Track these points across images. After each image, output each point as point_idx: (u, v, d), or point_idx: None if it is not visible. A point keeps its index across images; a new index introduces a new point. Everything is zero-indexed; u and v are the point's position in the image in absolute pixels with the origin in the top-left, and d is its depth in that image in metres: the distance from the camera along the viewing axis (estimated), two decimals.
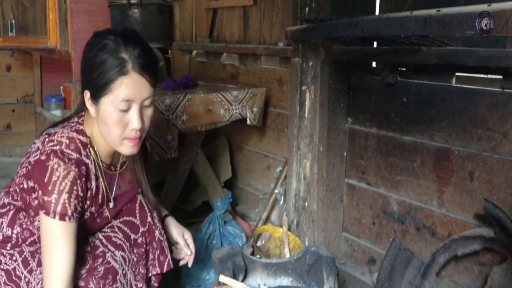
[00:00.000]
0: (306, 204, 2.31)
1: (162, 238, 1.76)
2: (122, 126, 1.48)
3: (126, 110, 1.46)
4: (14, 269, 1.61)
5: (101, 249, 1.65)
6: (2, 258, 1.62)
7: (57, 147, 1.49)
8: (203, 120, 2.53)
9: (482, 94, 1.72)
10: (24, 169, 1.56)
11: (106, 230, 1.72)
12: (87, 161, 1.54)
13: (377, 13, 2.26)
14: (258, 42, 2.93)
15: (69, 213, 1.46)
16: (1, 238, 1.61)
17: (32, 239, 1.64)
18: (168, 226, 1.88)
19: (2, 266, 1.61)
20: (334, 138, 2.25)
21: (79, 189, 1.49)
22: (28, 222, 1.62)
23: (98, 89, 1.45)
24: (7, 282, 1.61)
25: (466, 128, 1.77)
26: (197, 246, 2.43)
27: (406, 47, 1.85)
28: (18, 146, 4.67)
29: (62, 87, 4.45)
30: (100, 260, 1.62)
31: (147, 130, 1.56)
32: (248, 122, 2.68)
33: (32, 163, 1.49)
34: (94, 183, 1.57)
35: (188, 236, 1.86)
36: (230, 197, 2.55)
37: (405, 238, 2.02)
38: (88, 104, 1.51)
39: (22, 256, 1.62)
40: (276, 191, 2.55)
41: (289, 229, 2.29)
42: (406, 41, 1.84)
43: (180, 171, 2.77)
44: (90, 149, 1.56)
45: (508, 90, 1.65)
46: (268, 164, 2.94)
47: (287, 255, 2.14)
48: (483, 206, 1.62)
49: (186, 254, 1.84)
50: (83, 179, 1.50)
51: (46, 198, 1.44)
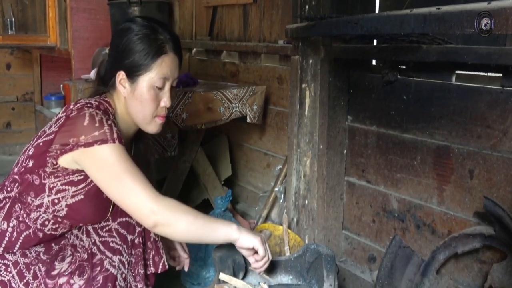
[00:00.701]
0: (306, 202, 2.31)
1: (157, 239, 1.75)
2: (156, 102, 1.60)
3: (161, 88, 1.59)
4: (9, 280, 1.57)
5: (98, 256, 1.63)
6: None
7: (88, 104, 1.56)
8: (203, 118, 2.53)
9: (482, 92, 1.72)
10: (30, 150, 1.57)
11: (104, 234, 1.69)
12: (115, 128, 1.56)
13: (377, 11, 2.26)
14: (258, 40, 2.93)
15: (116, 138, 1.49)
16: None
17: (27, 233, 1.61)
18: None
19: None
20: (334, 136, 2.26)
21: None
22: (24, 215, 1.60)
23: (139, 67, 1.57)
24: None
25: (466, 126, 1.77)
26: (197, 245, 2.44)
27: (406, 45, 1.85)
28: (18, 144, 4.67)
29: (62, 85, 4.45)
30: (98, 268, 1.60)
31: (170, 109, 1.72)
32: (248, 120, 2.68)
33: (59, 126, 1.51)
34: None
35: None
36: (230, 195, 2.56)
37: (405, 236, 2.02)
38: (120, 85, 1.60)
39: (17, 268, 1.57)
40: (276, 189, 2.55)
41: (289, 227, 2.29)
42: (406, 39, 1.84)
43: (180, 169, 2.77)
44: (114, 120, 1.61)
45: (508, 88, 1.65)
46: (268, 162, 2.94)
47: (287, 253, 2.14)
48: (483, 204, 1.62)
49: (183, 257, 1.86)
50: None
51: (97, 132, 1.46)
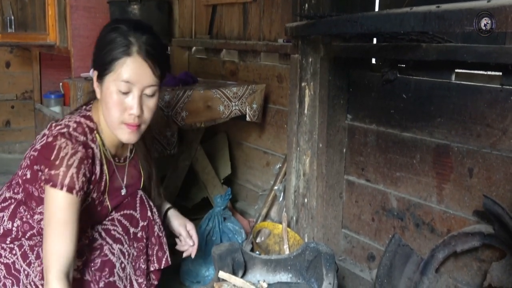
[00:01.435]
0: (306, 200, 2.31)
1: (161, 234, 1.76)
2: (121, 108, 1.49)
3: (127, 93, 1.48)
4: (13, 262, 1.63)
5: (99, 241, 1.66)
6: (2, 252, 1.63)
7: (64, 130, 1.52)
8: (203, 116, 2.53)
9: (482, 91, 1.72)
10: (27, 159, 1.57)
11: (105, 222, 1.73)
12: (93, 145, 1.57)
13: (376, 9, 2.26)
14: (257, 38, 2.93)
15: (76, 187, 1.46)
16: (1, 231, 1.62)
17: (31, 233, 1.65)
18: (170, 218, 1.89)
19: (2, 260, 1.63)
20: (334, 134, 2.26)
21: (86, 169, 1.50)
22: (28, 216, 1.62)
23: (104, 66, 1.50)
24: (7, 276, 1.62)
25: (465, 124, 1.77)
26: None
27: (405, 44, 1.85)
28: (17, 142, 4.67)
29: (61, 84, 4.45)
30: (97, 252, 1.62)
31: (148, 121, 1.56)
32: (247, 118, 2.68)
33: (38, 149, 1.51)
34: (98, 168, 1.58)
35: (190, 227, 1.87)
36: (229, 193, 2.56)
37: (404, 234, 2.02)
38: (95, 85, 1.55)
39: (22, 250, 1.63)
40: (275, 188, 2.55)
41: (288, 225, 2.29)
42: (406, 37, 1.84)
43: (179, 168, 2.77)
44: (96, 134, 1.58)
45: (507, 87, 1.65)
46: (267, 160, 2.94)
47: (287, 252, 2.14)
48: (482, 203, 1.62)
49: (189, 245, 1.85)
50: (89, 161, 1.52)
51: (53, 172, 1.44)
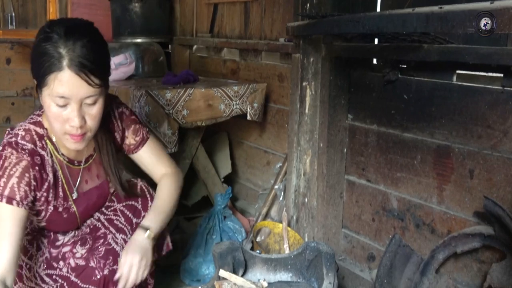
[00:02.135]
0: (306, 200, 2.31)
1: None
2: (61, 121, 1.44)
3: (65, 106, 1.42)
4: None
5: (102, 230, 1.67)
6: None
7: (13, 139, 1.51)
8: (204, 115, 2.54)
9: (483, 92, 1.72)
10: None
11: (108, 213, 1.73)
12: (43, 152, 1.55)
13: (378, 9, 2.26)
14: (259, 37, 2.92)
15: (17, 198, 1.45)
16: None
17: (27, 231, 1.66)
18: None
19: None
20: (335, 134, 2.26)
21: (31, 177, 1.49)
22: None
23: (39, 79, 1.43)
24: None
25: (466, 125, 1.78)
26: (196, 241, 2.45)
27: (407, 44, 1.85)
28: None
29: None
30: (101, 241, 1.63)
31: (95, 128, 1.51)
32: (248, 117, 2.68)
33: None
34: (51, 175, 1.57)
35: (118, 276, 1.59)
36: (230, 192, 2.56)
37: (404, 235, 2.03)
38: (37, 94, 1.48)
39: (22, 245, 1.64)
40: (276, 187, 2.55)
41: (288, 224, 2.29)
42: (407, 38, 1.84)
43: (179, 166, 2.76)
44: (47, 140, 1.56)
45: (508, 88, 1.65)
46: (268, 160, 2.95)
47: (287, 251, 2.14)
48: (483, 204, 1.62)
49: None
50: (37, 168, 1.51)
51: None
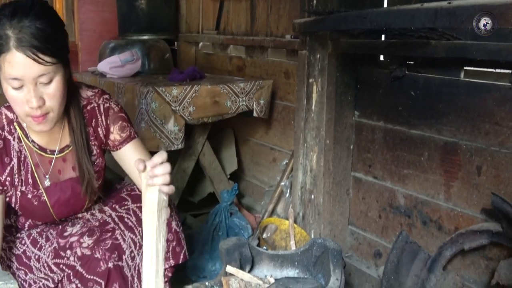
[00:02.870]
0: (312, 196, 2.31)
1: (178, 230, 1.76)
2: (20, 103, 1.42)
3: (21, 87, 1.39)
4: (24, 251, 1.67)
5: (111, 225, 1.67)
6: (11, 244, 1.67)
7: None
8: (210, 111, 2.54)
9: (491, 89, 1.72)
10: None
11: (120, 211, 1.74)
12: (9, 137, 1.56)
13: (385, 5, 2.26)
14: (265, 34, 2.92)
15: None
16: (3, 225, 1.63)
17: (29, 224, 1.69)
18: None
19: (13, 251, 1.67)
20: (341, 131, 2.25)
21: None
22: (12, 211, 1.69)
23: None
24: (19, 267, 1.67)
25: (474, 122, 1.77)
26: (203, 237, 2.45)
27: (414, 41, 1.85)
28: None
29: None
30: (109, 234, 1.63)
31: (56, 107, 1.47)
32: (254, 114, 2.68)
33: None
34: (16, 160, 1.57)
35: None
36: (236, 189, 2.56)
37: (411, 232, 2.02)
38: None
39: (31, 238, 1.68)
40: (282, 184, 2.55)
41: (295, 221, 2.29)
42: (415, 34, 1.83)
43: (186, 163, 2.78)
44: (16, 126, 1.57)
45: None
46: (274, 156, 2.95)
47: (293, 247, 2.14)
48: (491, 201, 1.61)
49: None
50: None
51: None
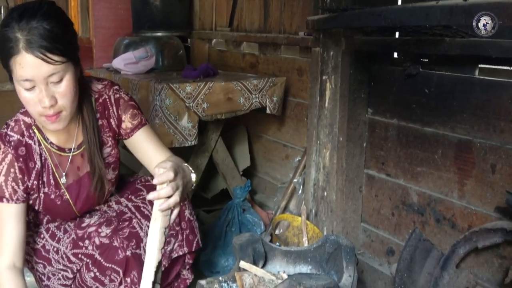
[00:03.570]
0: (325, 193, 2.31)
1: (192, 218, 1.79)
2: (33, 104, 1.45)
3: (32, 88, 1.42)
4: (43, 245, 1.70)
5: (128, 214, 1.70)
6: (30, 238, 1.70)
7: (4, 130, 1.59)
8: (223, 108, 2.55)
9: (506, 86, 1.71)
10: None
11: (136, 200, 1.77)
12: (30, 141, 1.59)
13: (399, 3, 2.25)
14: (278, 31, 2.92)
15: (6, 195, 1.54)
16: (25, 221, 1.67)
17: (47, 219, 1.73)
18: None
19: (32, 245, 1.70)
20: (354, 128, 2.25)
21: (17, 171, 1.56)
22: (31, 209, 1.71)
23: (5, 67, 1.45)
24: (38, 260, 1.70)
25: (488, 120, 1.76)
26: (216, 233, 2.47)
27: (428, 38, 1.84)
28: None
29: None
30: (126, 223, 1.67)
31: (69, 106, 1.49)
32: (267, 111, 2.69)
33: None
34: (39, 163, 1.61)
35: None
36: (249, 185, 2.58)
37: (424, 229, 2.02)
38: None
39: (49, 232, 1.71)
40: (294, 180, 2.56)
41: (307, 218, 2.30)
42: (429, 32, 1.83)
43: (199, 159, 2.80)
44: (34, 129, 1.60)
45: None
46: (286, 153, 2.95)
47: (306, 244, 2.15)
48: (505, 199, 1.61)
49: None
50: (21, 160, 1.56)
51: None
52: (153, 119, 2.40)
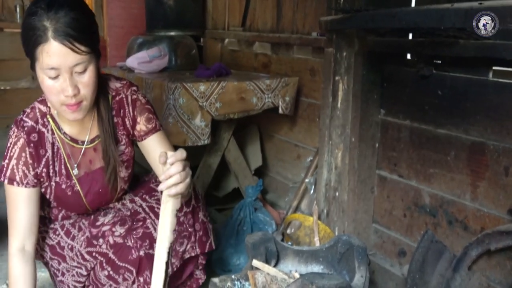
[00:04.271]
0: (337, 194, 2.32)
1: (205, 220, 1.81)
2: (56, 92, 1.47)
3: (57, 77, 1.44)
4: (58, 242, 1.73)
5: (142, 215, 1.72)
6: (45, 234, 1.73)
7: (20, 116, 1.62)
8: (236, 107, 2.57)
9: None
10: None
11: (150, 201, 1.79)
12: (43, 129, 1.62)
13: (413, 4, 2.25)
14: (291, 31, 2.93)
15: (17, 178, 1.58)
16: (39, 217, 1.69)
17: (62, 215, 1.75)
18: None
19: (47, 242, 1.73)
20: (367, 129, 2.26)
21: (28, 155, 1.59)
22: (46, 203, 1.76)
23: (29, 55, 1.47)
24: (52, 257, 1.73)
25: (502, 122, 1.76)
26: (228, 232, 2.48)
27: (442, 40, 1.84)
28: None
29: None
30: (140, 223, 1.69)
31: (90, 96, 1.52)
32: (280, 111, 2.70)
33: None
34: (50, 151, 1.64)
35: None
36: (261, 184, 2.59)
37: (436, 231, 2.02)
38: (34, 72, 1.52)
39: (64, 229, 1.74)
40: (306, 180, 2.57)
41: (319, 218, 2.31)
42: (443, 33, 1.83)
43: (212, 158, 2.81)
44: (49, 118, 1.63)
45: None
46: (298, 153, 2.96)
47: (317, 244, 2.16)
48: None
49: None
50: (32, 145, 1.59)
51: (2, 162, 1.60)
52: (166, 118, 2.43)
